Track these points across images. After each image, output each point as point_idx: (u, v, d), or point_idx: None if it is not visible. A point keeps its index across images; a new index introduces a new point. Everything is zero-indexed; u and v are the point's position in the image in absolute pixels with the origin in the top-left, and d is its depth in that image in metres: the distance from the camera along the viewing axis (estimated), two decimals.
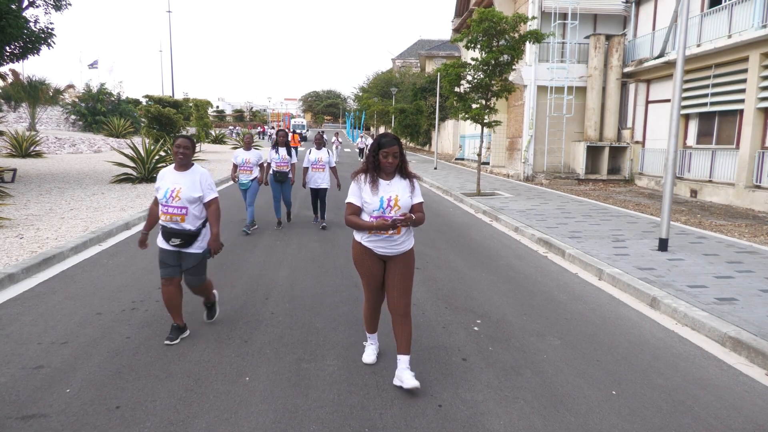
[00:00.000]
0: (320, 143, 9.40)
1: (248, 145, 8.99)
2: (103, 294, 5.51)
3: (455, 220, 10.96)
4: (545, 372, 3.92)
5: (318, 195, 9.54)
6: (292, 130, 39.15)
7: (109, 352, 4.10)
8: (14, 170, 14.70)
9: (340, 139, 33.00)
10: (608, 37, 19.22)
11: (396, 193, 3.55)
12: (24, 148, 22.65)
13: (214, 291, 4.76)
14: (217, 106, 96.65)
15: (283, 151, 9.24)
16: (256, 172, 8.86)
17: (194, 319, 4.80)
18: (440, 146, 40.80)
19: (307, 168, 9.31)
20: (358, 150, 31.70)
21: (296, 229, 9.35)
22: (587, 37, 19.62)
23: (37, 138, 25.28)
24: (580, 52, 19.88)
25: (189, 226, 4.22)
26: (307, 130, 46.34)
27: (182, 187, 4.16)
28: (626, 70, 18.74)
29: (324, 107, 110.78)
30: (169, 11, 41.41)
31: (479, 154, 15.69)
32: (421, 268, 6.84)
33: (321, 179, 9.35)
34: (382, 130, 66.40)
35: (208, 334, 4.50)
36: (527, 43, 14.70)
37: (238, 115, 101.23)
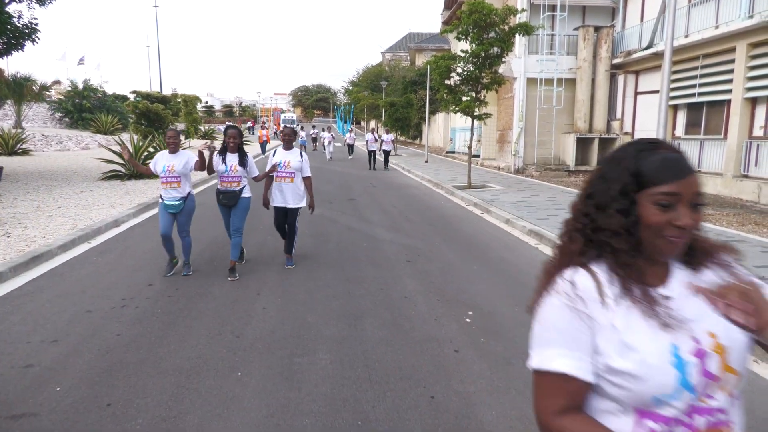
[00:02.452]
0: (290, 141, 6.47)
1: (173, 145, 6.08)
2: (92, 292, 5.46)
3: (446, 213, 10.98)
4: None
5: (286, 218, 6.54)
6: (282, 125, 38.98)
7: (100, 349, 4.07)
8: (0, 168, 14.51)
9: (333, 134, 28.81)
10: (597, 29, 19.25)
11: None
12: (10, 146, 22.36)
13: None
14: (206, 102, 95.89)
15: (233, 159, 6.11)
16: (187, 187, 6.19)
17: (186, 315, 4.78)
18: (431, 139, 40.80)
19: (270, 178, 6.46)
20: (347, 146, 28.67)
21: None
22: (576, 29, 19.65)
23: (24, 135, 24.96)
24: (570, 44, 19.91)
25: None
26: (298, 125, 46.06)
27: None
28: (615, 61, 18.80)
29: (314, 102, 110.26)
30: (155, 6, 40.92)
31: (470, 147, 15.71)
32: (412, 261, 6.85)
33: (290, 194, 6.41)
34: (372, 124, 66.27)
35: (200, 329, 4.48)
36: (517, 35, 14.69)
37: (228, 111, 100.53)
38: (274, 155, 6.52)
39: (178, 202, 6.05)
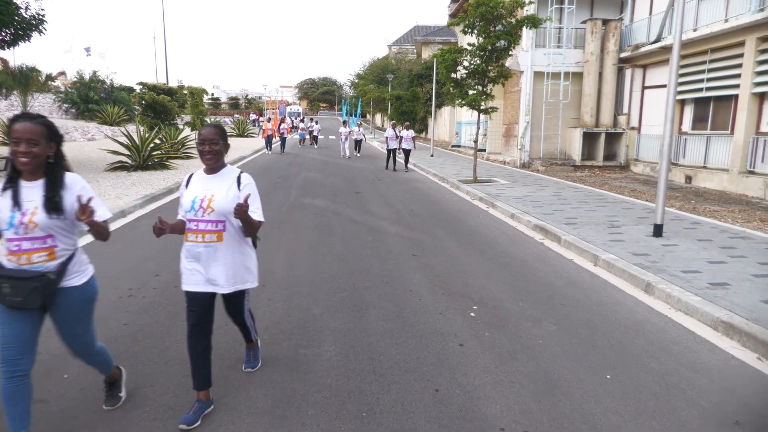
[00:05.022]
0: (215, 155, 3.09)
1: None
2: (99, 282, 5.43)
3: (451, 207, 10.98)
4: (541, 357, 3.96)
5: (211, 310, 3.19)
6: (286, 117, 38.91)
7: (107, 338, 4.11)
8: (7, 160, 14.57)
9: (350, 129, 25.52)
10: (605, 22, 19.11)
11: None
12: None
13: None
14: (212, 94, 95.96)
15: (31, 194, 2.65)
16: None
17: None
18: (437, 133, 40.71)
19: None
20: (355, 142, 25.37)
21: (293, 217, 9.34)
22: (584, 22, 19.51)
23: None
24: (577, 37, 19.77)
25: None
26: (302, 119, 45.98)
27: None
28: (623, 55, 18.67)
29: (320, 94, 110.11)
30: None
31: (476, 141, 15.67)
32: (417, 255, 6.86)
33: (217, 266, 3.10)
34: (378, 117, 66.15)
35: None
36: (524, 28, 14.60)
37: (234, 103, 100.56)
38: (186, 185, 3.17)
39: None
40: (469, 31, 14.48)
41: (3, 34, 14.61)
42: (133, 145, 15.20)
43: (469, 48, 14.65)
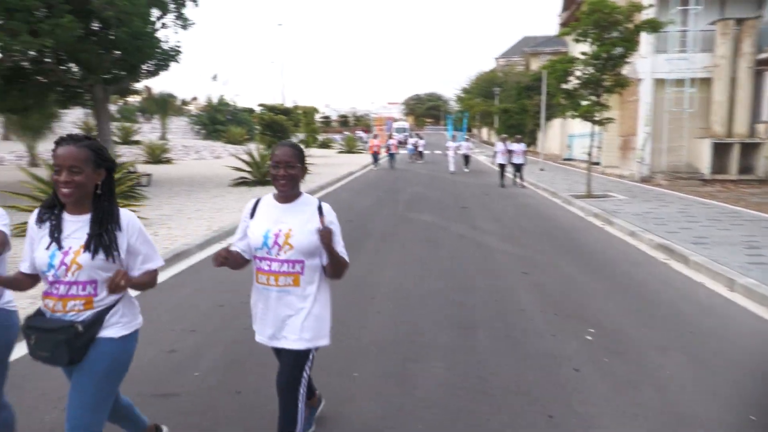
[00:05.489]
0: (291, 180, 2.52)
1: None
2: (224, 287, 5.96)
3: (564, 224, 10.49)
4: (668, 389, 3.62)
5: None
6: (393, 133, 39.67)
7: (231, 341, 4.42)
8: (149, 175, 16.39)
9: (461, 143, 25.03)
10: (739, 21, 17.35)
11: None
12: (157, 155, 25.18)
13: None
14: (324, 113, 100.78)
15: (74, 232, 2.23)
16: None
17: None
18: (546, 146, 39.30)
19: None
20: (463, 157, 24.45)
21: (400, 231, 9.47)
22: (713, 23, 17.86)
23: (167, 146, 27.96)
24: (704, 40, 18.13)
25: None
26: (408, 135, 46.69)
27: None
28: (760, 56, 16.80)
29: (425, 110, 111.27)
30: (280, 24, 43.86)
31: (589, 154, 14.90)
32: (528, 273, 6.63)
33: (285, 314, 2.58)
34: (485, 131, 65.32)
35: None
36: (643, 33, 13.71)
37: (343, 120, 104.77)
38: (252, 214, 2.66)
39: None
40: (582, 39, 13.88)
41: (147, 65, 16.53)
42: (253, 162, 16.37)
43: (582, 57, 14.03)
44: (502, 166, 18.02)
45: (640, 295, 5.77)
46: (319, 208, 2.57)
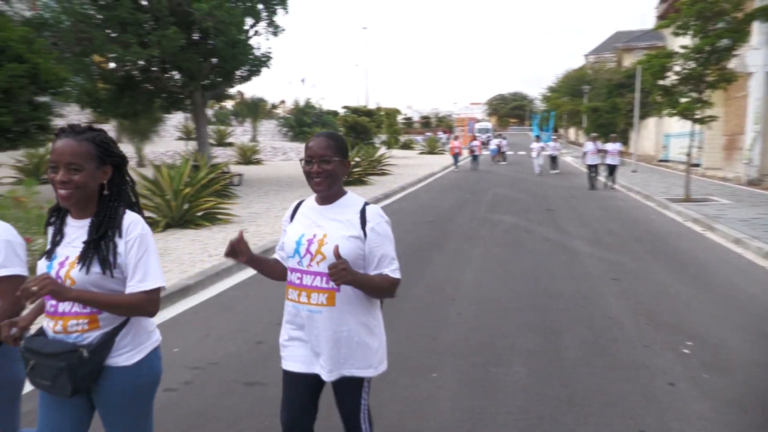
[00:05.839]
0: (331, 179, 2.11)
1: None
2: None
3: (658, 229, 9.84)
4: None
5: (311, 400, 2.32)
6: (476, 134, 39.09)
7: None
8: (241, 175, 17.31)
9: (543, 144, 23.96)
10: None
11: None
12: (247, 156, 26.54)
13: None
14: (406, 114, 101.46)
15: (73, 238, 1.91)
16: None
17: (385, 314, 5.09)
18: (639, 146, 37.06)
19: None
20: (550, 158, 23.79)
21: (482, 233, 9.33)
22: None
23: (258, 148, 29.39)
24: None
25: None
26: (491, 135, 45.84)
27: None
28: None
29: (509, 110, 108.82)
30: (364, 28, 44.73)
31: (689, 155, 13.86)
32: (618, 279, 6.29)
33: (326, 339, 2.09)
34: (572, 131, 62.72)
35: (397, 328, 4.73)
36: (754, 22, 12.54)
37: (425, 122, 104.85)
38: (291, 218, 2.33)
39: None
40: (682, 32, 12.93)
41: (241, 71, 17.46)
42: None
43: (682, 51, 13.07)
44: (591, 167, 17.00)
45: (745, 308, 5.29)
46: (362, 212, 2.08)
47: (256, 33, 17.24)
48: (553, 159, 23.56)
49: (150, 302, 1.90)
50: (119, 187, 1.94)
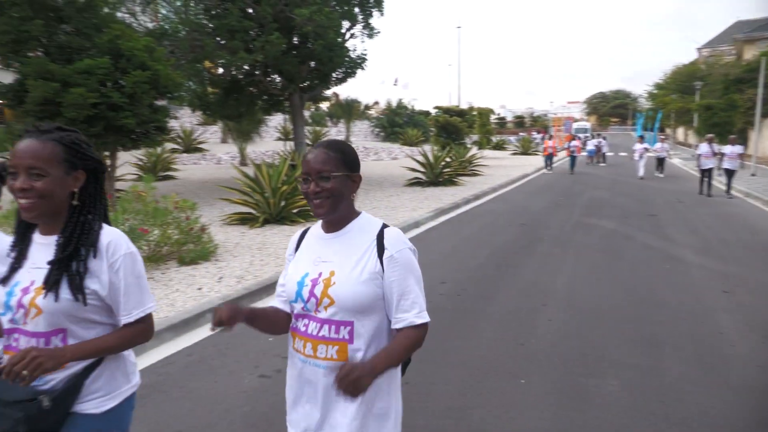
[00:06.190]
0: (334, 201, 1.65)
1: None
2: None
3: None
4: None
5: None
6: (574, 135, 37.31)
7: None
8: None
9: (662, 144, 22.46)
10: None
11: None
12: None
13: None
14: (499, 114, 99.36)
15: (37, 261, 1.62)
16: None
17: (473, 316, 5.05)
18: (760, 148, 33.55)
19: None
20: (656, 160, 21.73)
21: (576, 237, 8.94)
22: None
23: None
24: None
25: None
26: (589, 135, 43.63)
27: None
28: None
29: (610, 109, 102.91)
30: (458, 27, 44.36)
31: None
32: (730, 292, 5.77)
33: (326, 398, 1.66)
34: (680, 131, 58.11)
35: (485, 331, 4.68)
36: None
37: (519, 121, 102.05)
38: (296, 248, 1.82)
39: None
40: None
41: (336, 73, 18.03)
42: (427, 163, 16.84)
43: None
44: (704, 171, 15.20)
45: None
46: (380, 237, 1.64)
47: (352, 36, 17.72)
48: (660, 161, 21.69)
49: (148, 329, 1.67)
50: (94, 198, 1.63)
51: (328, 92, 21.29)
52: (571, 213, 11.62)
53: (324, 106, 47.25)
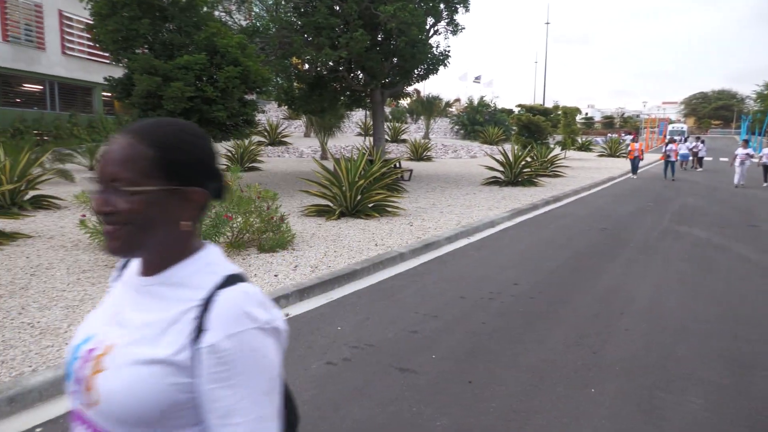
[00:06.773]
0: None
1: None
2: (467, 281, 6.21)
3: None
4: None
5: None
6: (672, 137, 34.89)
7: (468, 331, 4.60)
8: (410, 171, 17.94)
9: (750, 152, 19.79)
10: None
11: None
12: (419, 153, 27.36)
13: None
14: (586, 113, 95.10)
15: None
16: None
17: (546, 319, 4.91)
18: None
19: None
20: (762, 167, 19.68)
21: (663, 245, 8.41)
22: None
23: (429, 145, 30.12)
24: None
25: None
26: (685, 138, 40.70)
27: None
28: None
29: (712, 110, 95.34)
30: (547, 23, 42.91)
31: None
32: None
33: None
34: None
35: (557, 335, 4.54)
36: None
37: (608, 122, 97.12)
38: (115, 283, 1.15)
39: None
40: None
41: (418, 70, 18.04)
42: (506, 162, 16.48)
43: None
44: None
45: None
46: (205, 304, 0.92)
47: (436, 32, 17.64)
48: (767, 169, 19.49)
49: None
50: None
51: (409, 89, 21.30)
52: (660, 219, 10.94)
53: (404, 102, 47.45)
